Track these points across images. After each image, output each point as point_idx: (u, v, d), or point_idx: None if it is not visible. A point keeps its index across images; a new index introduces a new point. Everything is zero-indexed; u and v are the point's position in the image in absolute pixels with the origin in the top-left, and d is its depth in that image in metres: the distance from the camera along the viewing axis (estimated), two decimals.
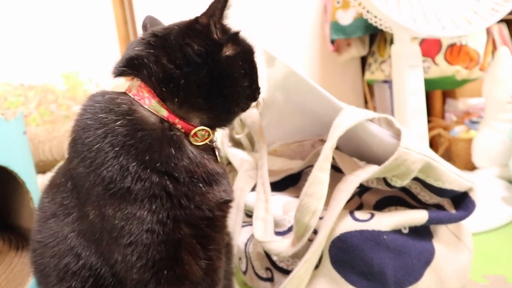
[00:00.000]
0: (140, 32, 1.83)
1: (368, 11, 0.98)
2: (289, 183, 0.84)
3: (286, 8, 1.74)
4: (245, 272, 0.81)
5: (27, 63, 1.59)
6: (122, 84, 1.54)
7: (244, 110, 0.58)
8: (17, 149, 0.81)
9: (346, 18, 1.47)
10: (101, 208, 0.49)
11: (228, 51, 0.53)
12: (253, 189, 0.83)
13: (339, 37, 1.51)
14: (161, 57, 0.50)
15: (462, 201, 0.69)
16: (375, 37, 1.61)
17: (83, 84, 1.67)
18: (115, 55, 1.77)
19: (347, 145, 0.78)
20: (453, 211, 0.70)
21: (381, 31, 1.52)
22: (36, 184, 0.86)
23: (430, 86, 1.49)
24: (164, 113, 0.50)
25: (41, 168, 1.19)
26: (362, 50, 1.61)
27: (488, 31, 1.33)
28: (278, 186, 0.84)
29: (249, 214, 0.83)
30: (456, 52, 1.33)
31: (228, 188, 0.55)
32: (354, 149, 0.75)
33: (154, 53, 0.50)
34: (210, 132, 0.53)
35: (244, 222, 0.83)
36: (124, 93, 0.52)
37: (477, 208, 1.00)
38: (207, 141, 0.54)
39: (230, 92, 0.53)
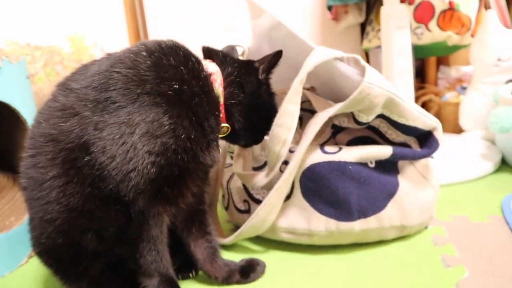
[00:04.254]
0: (146, 1, 1.85)
1: None
2: None
3: None
4: (226, 208, 0.87)
5: (33, 23, 1.64)
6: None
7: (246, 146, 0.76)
8: (19, 90, 0.87)
9: None
10: (147, 112, 0.56)
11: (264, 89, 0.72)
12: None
13: (336, 3, 1.54)
14: (239, 70, 0.68)
15: (426, 140, 0.74)
16: (373, 4, 1.63)
17: (88, 48, 1.74)
18: (120, 21, 1.82)
19: (325, 92, 0.83)
20: (418, 149, 0.75)
21: None
22: None
23: (423, 53, 1.52)
24: (221, 100, 0.66)
25: None
26: (359, 17, 1.63)
27: None
28: None
29: (232, 156, 0.88)
30: (448, 17, 1.35)
31: (218, 155, 0.68)
32: (331, 93, 0.80)
33: (238, 65, 0.69)
34: (228, 130, 0.69)
35: (227, 163, 0.89)
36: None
37: (455, 162, 1.05)
38: (223, 135, 0.69)
39: (254, 124, 0.70)
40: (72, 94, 0.59)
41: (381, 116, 0.72)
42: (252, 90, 0.69)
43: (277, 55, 0.70)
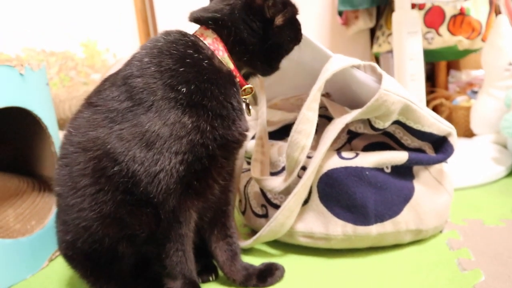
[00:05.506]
0: (156, 7, 1.89)
1: None
2: (286, 132, 0.90)
3: None
4: (243, 212, 0.89)
5: (47, 30, 1.67)
6: None
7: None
8: (40, 96, 0.89)
9: None
10: (166, 116, 0.58)
11: (278, 21, 0.66)
12: (253, 137, 0.90)
13: (346, 8, 1.55)
14: (236, 25, 0.64)
15: (441, 145, 0.75)
16: (383, 10, 1.65)
17: (101, 54, 1.76)
18: (132, 26, 1.85)
19: (341, 99, 0.84)
20: (433, 154, 0.76)
21: (389, 3, 1.56)
22: (57, 130, 0.95)
23: (434, 57, 1.53)
24: (231, 66, 0.65)
25: (61, 126, 1.28)
26: (370, 22, 1.65)
27: (491, 2, 1.36)
28: (276, 135, 0.91)
29: (248, 162, 0.90)
30: (458, 22, 1.36)
31: (248, 124, 0.68)
32: (346, 99, 0.82)
33: (232, 21, 0.64)
34: (254, 90, 0.69)
35: (244, 168, 0.91)
36: (197, 37, 0.65)
37: (468, 166, 1.06)
38: (249, 95, 0.69)
39: (280, 53, 0.69)
40: (95, 108, 0.62)
41: (396, 122, 0.74)
42: (260, 35, 0.65)
43: None
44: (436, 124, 0.73)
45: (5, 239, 0.79)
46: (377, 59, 1.78)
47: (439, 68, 1.64)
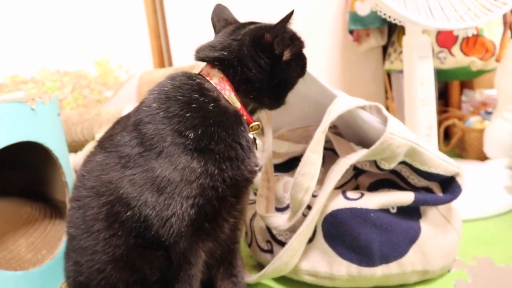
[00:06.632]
0: (169, 23, 1.89)
1: (376, 4, 1.02)
2: (292, 165, 0.90)
3: None
4: (249, 245, 0.89)
5: (62, 50, 1.70)
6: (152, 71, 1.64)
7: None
8: (52, 128, 0.91)
9: (364, 9, 1.50)
10: (176, 161, 0.59)
11: (285, 56, 0.66)
12: (260, 169, 0.90)
13: (357, 27, 1.55)
14: (243, 63, 0.64)
15: (449, 185, 0.74)
16: (395, 27, 1.63)
17: (114, 71, 1.79)
18: (145, 43, 1.86)
19: (347, 132, 0.84)
20: (440, 194, 0.75)
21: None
22: (68, 160, 0.97)
23: (447, 76, 1.51)
24: (238, 105, 0.65)
25: (73, 148, 1.30)
26: (381, 40, 1.63)
27: (505, 22, 1.33)
28: (283, 167, 0.91)
29: (255, 193, 0.90)
30: (472, 43, 1.34)
31: (257, 160, 0.68)
32: (352, 135, 0.81)
33: (238, 59, 0.64)
34: (261, 126, 0.69)
35: (250, 200, 0.91)
36: (203, 78, 0.65)
37: (478, 195, 1.04)
38: (256, 131, 0.69)
39: (286, 88, 0.69)
40: (107, 152, 0.63)
41: (403, 163, 0.73)
42: (267, 71, 0.65)
43: (289, 18, 0.62)
44: (443, 165, 0.72)
45: (17, 271, 0.81)
46: (389, 76, 1.76)
47: (452, 86, 1.61)
